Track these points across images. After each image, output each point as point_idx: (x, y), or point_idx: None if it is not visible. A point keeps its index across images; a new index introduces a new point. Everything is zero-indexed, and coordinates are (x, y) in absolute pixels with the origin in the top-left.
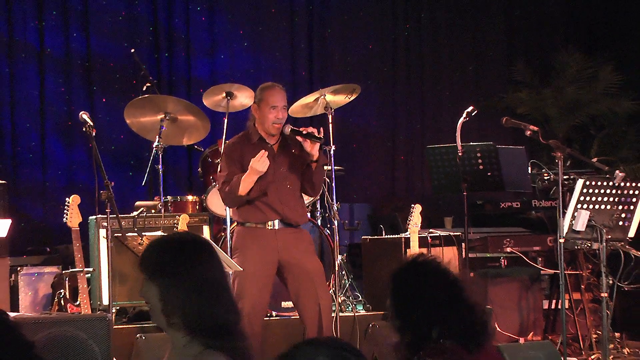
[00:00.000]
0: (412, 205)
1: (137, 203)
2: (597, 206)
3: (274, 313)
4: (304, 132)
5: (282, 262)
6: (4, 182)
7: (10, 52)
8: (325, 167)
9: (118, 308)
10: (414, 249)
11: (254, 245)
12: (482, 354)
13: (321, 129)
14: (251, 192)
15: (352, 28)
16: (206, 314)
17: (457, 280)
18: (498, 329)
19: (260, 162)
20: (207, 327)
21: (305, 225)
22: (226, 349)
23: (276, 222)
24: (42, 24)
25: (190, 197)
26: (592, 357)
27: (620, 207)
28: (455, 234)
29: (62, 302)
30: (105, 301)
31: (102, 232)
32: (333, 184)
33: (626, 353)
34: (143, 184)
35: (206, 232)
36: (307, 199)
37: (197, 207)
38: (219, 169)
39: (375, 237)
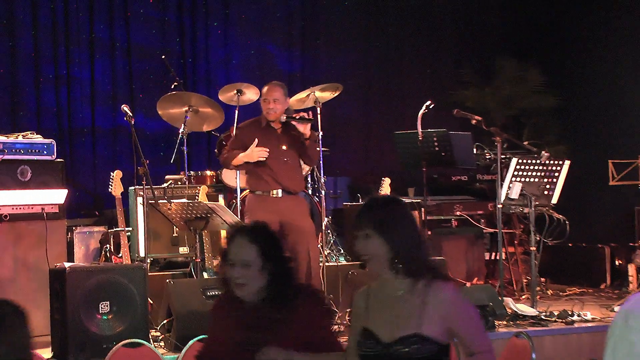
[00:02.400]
0: (383, 178)
1: (167, 177)
2: (527, 179)
3: None
4: (297, 117)
5: (283, 223)
6: (62, 160)
7: (68, 60)
8: (318, 147)
9: (152, 259)
10: None
11: (261, 209)
12: None
13: (310, 112)
14: (239, 167)
15: (337, 39)
16: (419, 258)
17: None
18: (450, 275)
19: (258, 153)
20: (420, 268)
21: (300, 193)
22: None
23: (279, 191)
24: (93, 35)
25: (208, 172)
26: (523, 297)
27: (545, 180)
28: (416, 200)
29: (107, 254)
30: (142, 254)
31: (139, 200)
32: (321, 162)
33: (549, 294)
34: (171, 161)
35: (221, 200)
36: (306, 169)
37: (214, 180)
38: (229, 142)
39: (354, 203)
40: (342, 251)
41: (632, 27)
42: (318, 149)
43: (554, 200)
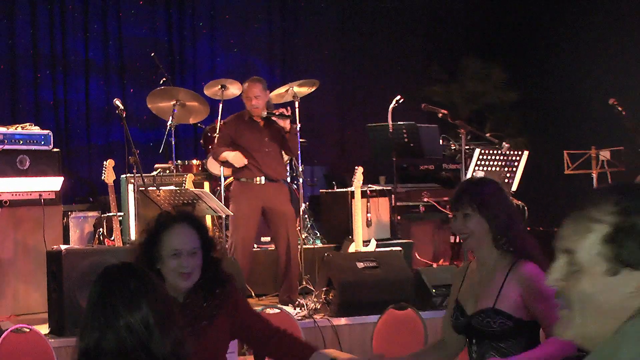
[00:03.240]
0: (356, 167)
1: (156, 165)
2: (489, 168)
3: (256, 245)
4: (277, 114)
5: (265, 208)
6: (58, 149)
7: (64, 57)
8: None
9: None
10: (357, 199)
11: (245, 195)
12: None
13: (288, 108)
14: (223, 163)
15: (314, 38)
16: (516, 234)
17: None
18: (418, 257)
19: (237, 160)
20: (514, 245)
21: (283, 180)
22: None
23: (262, 178)
24: (87, 34)
25: (194, 161)
26: None
27: (506, 169)
28: (387, 188)
29: (101, 237)
30: (133, 237)
31: (130, 187)
32: (299, 152)
33: None
34: (160, 151)
35: (206, 187)
36: (285, 158)
37: (200, 168)
38: (217, 136)
39: (330, 190)
40: (318, 235)
41: (585, 29)
42: (298, 137)
43: (514, 187)
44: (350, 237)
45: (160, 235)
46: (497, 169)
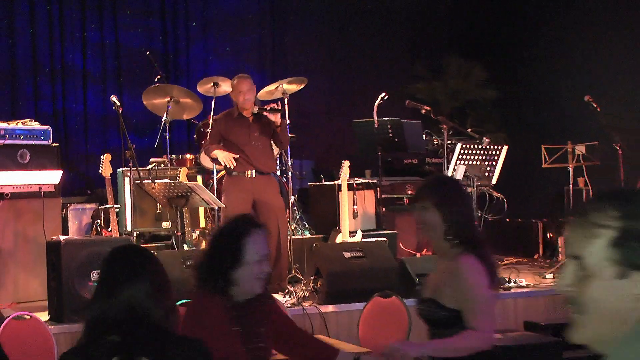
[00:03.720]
0: (343, 161)
1: (151, 159)
2: (470, 162)
3: None
4: (268, 109)
5: (256, 200)
6: (57, 144)
7: (63, 56)
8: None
9: (138, 233)
10: (344, 192)
11: (237, 188)
12: None
13: (279, 103)
14: (214, 161)
15: (303, 38)
16: (466, 230)
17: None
18: (402, 247)
19: (227, 160)
20: (465, 238)
21: (272, 173)
22: (477, 254)
23: (253, 172)
24: (85, 33)
25: (188, 156)
26: None
27: (486, 163)
28: (372, 181)
29: (98, 228)
30: (129, 228)
31: (127, 180)
32: (288, 145)
33: None
34: (155, 146)
35: (199, 180)
36: (276, 152)
37: (193, 162)
38: (209, 133)
39: (318, 183)
40: (307, 226)
41: (561, 30)
42: (288, 132)
43: (494, 180)
44: (337, 228)
45: (243, 242)
46: (478, 162)
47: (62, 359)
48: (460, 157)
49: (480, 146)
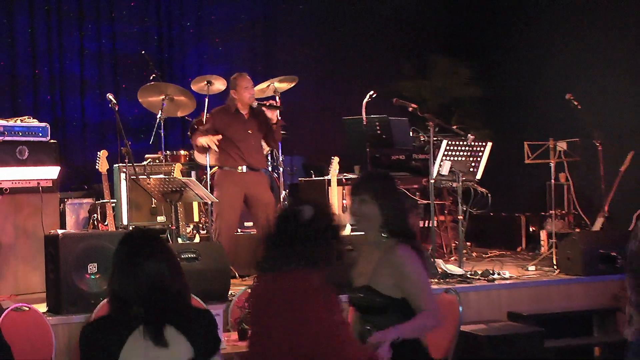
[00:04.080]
0: (333, 157)
1: (146, 155)
2: (456, 158)
3: (239, 230)
4: (267, 104)
5: (247, 195)
6: (55, 141)
7: (61, 55)
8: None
9: (133, 226)
10: (334, 187)
11: (229, 183)
12: None
13: (278, 100)
14: (197, 148)
15: (294, 38)
16: (400, 222)
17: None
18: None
19: (208, 141)
20: (399, 233)
21: (264, 169)
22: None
23: (244, 167)
24: (82, 33)
25: (182, 152)
26: (452, 259)
27: (471, 159)
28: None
29: (95, 222)
30: (125, 222)
31: (123, 175)
32: (279, 143)
33: (474, 256)
34: (150, 142)
35: (193, 176)
36: (266, 149)
37: (187, 158)
38: (203, 127)
39: (308, 179)
40: None
41: (544, 30)
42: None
43: (478, 176)
44: None
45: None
46: (463, 158)
47: (86, 331)
48: (446, 153)
49: (465, 143)
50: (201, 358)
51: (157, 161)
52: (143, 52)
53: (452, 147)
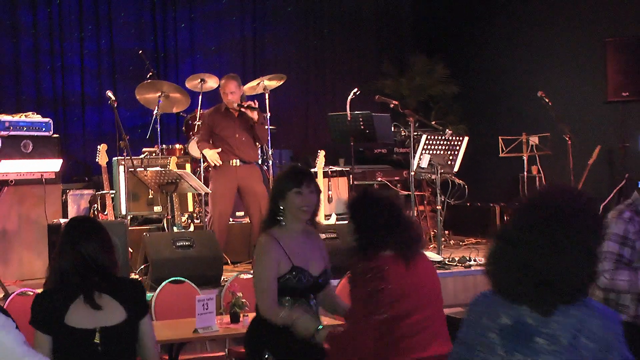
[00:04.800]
0: (319, 151)
1: (143, 149)
2: (434, 152)
3: (231, 219)
4: (245, 105)
5: (240, 187)
6: (57, 135)
7: (62, 54)
8: (266, 127)
9: (132, 216)
10: (320, 179)
11: (222, 176)
12: (417, 260)
13: (255, 101)
14: (204, 158)
15: (282, 39)
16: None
17: (395, 205)
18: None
19: (214, 159)
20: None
21: (255, 162)
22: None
23: (237, 161)
24: (83, 34)
25: (177, 146)
26: (431, 246)
27: (449, 152)
28: (345, 169)
29: (95, 212)
30: (124, 212)
31: (121, 168)
32: (269, 138)
33: (452, 243)
34: (147, 137)
35: (188, 168)
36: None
37: (182, 152)
38: (198, 124)
39: None
40: None
41: (517, 30)
42: (266, 127)
43: (456, 168)
44: None
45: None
46: (442, 152)
47: (36, 300)
48: (425, 147)
49: (443, 137)
50: (133, 319)
51: (154, 154)
52: (140, 51)
53: (431, 142)
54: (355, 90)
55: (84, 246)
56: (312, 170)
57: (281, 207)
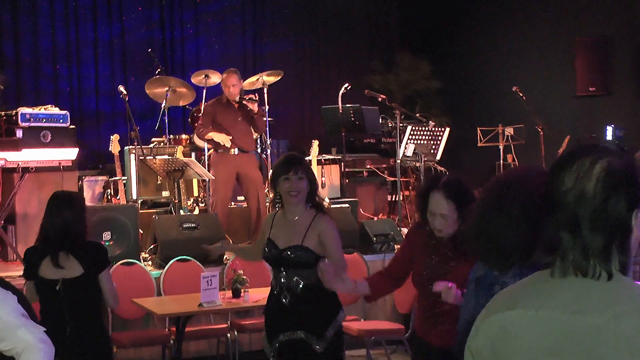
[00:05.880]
0: (313, 141)
1: (152, 139)
2: (419, 141)
3: (232, 203)
4: (247, 98)
5: (239, 173)
6: (74, 126)
7: (78, 52)
8: (264, 119)
9: (142, 200)
10: (314, 166)
11: (223, 163)
12: None
13: (256, 94)
14: (207, 141)
15: (280, 37)
16: (318, 196)
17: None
18: (362, 212)
19: (224, 139)
20: (317, 202)
21: (252, 151)
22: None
23: (236, 149)
24: (97, 34)
25: (184, 136)
26: None
27: (432, 142)
28: (337, 157)
29: (109, 196)
30: (134, 196)
31: (132, 156)
32: (267, 129)
33: None
34: (156, 128)
35: (193, 156)
36: (256, 135)
37: (188, 142)
38: (200, 117)
39: None
40: None
41: (494, 30)
42: (265, 118)
43: (438, 157)
44: None
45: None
46: (425, 142)
47: (24, 253)
48: (410, 137)
49: (426, 128)
50: (92, 274)
51: (162, 144)
52: (149, 50)
53: (415, 132)
54: (347, 85)
55: (61, 214)
56: (307, 158)
57: (278, 192)
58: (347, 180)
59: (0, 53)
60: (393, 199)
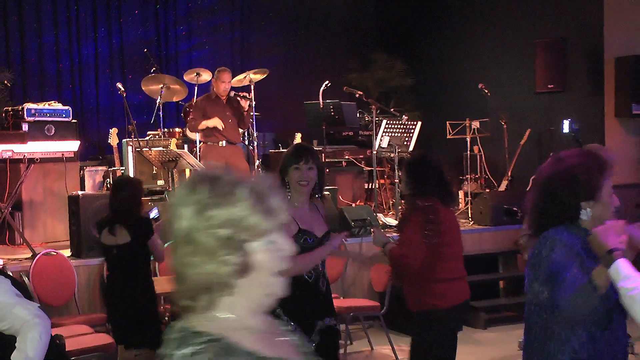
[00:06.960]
0: (296, 133)
1: (148, 132)
2: (393, 134)
3: None
4: (242, 95)
5: (227, 164)
6: (76, 120)
7: (80, 52)
8: (252, 113)
9: None
10: None
11: (212, 154)
12: (450, 209)
13: (250, 93)
14: (199, 131)
15: (265, 38)
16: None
17: (441, 167)
18: (341, 199)
19: (217, 123)
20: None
21: (239, 143)
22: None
23: (224, 142)
24: (97, 35)
25: (177, 129)
26: (390, 213)
27: (405, 135)
28: (318, 148)
29: (108, 185)
30: None
31: (130, 148)
32: (254, 122)
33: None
34: (151, 122)
35: (186, 148)
36: (242, 131)
37: (181, 134)
38: (191, 112)
39: (277, 150)
40: None
41: (462, 31)
42: (252, 113)
43: (411, 148)
44: None
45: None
46: (399, 134)
47: (98, 223)
48: (385, 130)
49: (400, 122)
50: (140, 241)
51: (157, 137)
52: (145, 50)
53: (390, 126)
54: (327, 82)
55: (120, 194)
56: None
57: (286, 181)
58: (327, 170)
59: (8, 52)
60: (370, 187)
